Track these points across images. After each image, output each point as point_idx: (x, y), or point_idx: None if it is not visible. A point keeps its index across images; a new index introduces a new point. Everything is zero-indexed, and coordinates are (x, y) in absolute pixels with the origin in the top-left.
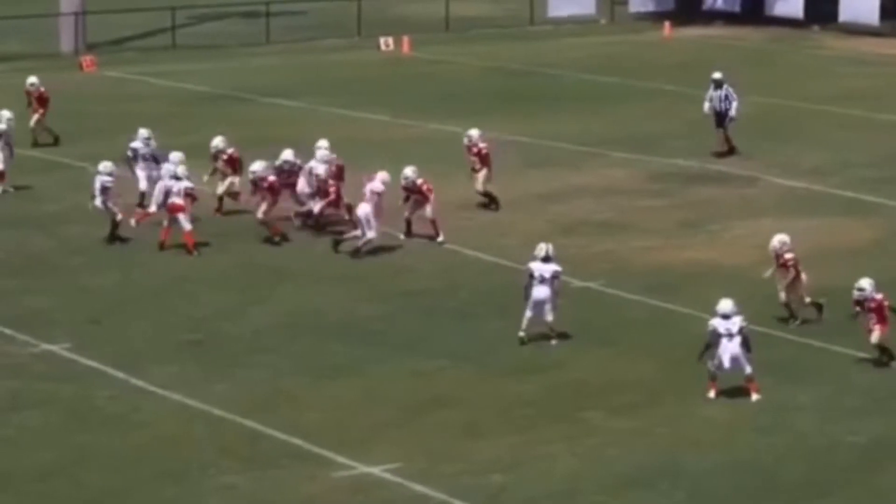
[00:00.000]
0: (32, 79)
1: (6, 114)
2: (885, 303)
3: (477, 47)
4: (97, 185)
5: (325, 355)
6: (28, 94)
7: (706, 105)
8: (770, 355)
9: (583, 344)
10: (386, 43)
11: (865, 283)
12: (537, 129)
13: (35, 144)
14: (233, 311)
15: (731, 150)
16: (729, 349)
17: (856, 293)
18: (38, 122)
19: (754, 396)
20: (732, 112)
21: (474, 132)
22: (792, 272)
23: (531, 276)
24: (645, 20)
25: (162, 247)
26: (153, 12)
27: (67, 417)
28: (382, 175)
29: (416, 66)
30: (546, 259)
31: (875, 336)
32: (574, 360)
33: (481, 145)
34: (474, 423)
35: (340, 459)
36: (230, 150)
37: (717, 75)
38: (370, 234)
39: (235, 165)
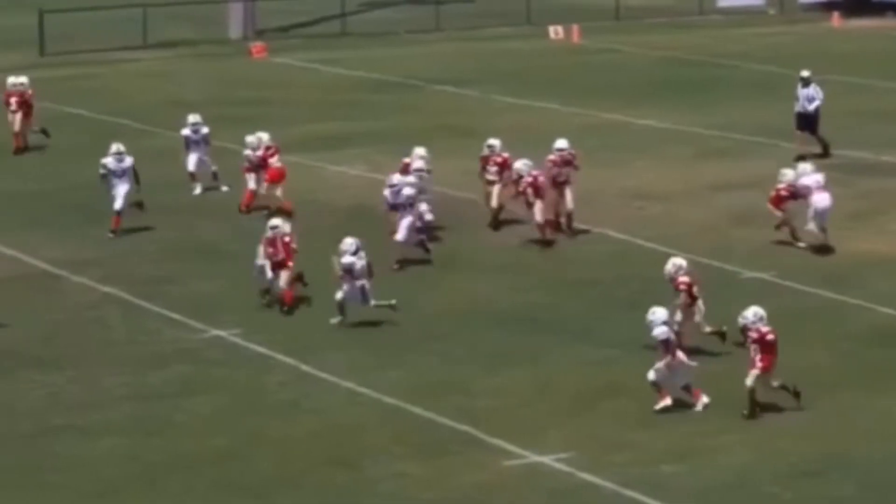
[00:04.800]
0: (21, 79)
1: (194, 118)
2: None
3: (646, 36)
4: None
5: (495, 343)
6: (10, 95)
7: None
8: None
9: None
10: (555, 31)
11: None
12: (708, 119)
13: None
14: (403, 298)
15: (825, 150)
16: None
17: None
18: (25, 125)
19: None
20: (811, 108)
21: (496, 141)
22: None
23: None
24: (814, 11)
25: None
26: None
27: (239, 403)
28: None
29: (586, 54)
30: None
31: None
32: (745, 351)
33: (504, 155)
34: (646, 412)
35: (511, 448)
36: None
37: (804, 73)
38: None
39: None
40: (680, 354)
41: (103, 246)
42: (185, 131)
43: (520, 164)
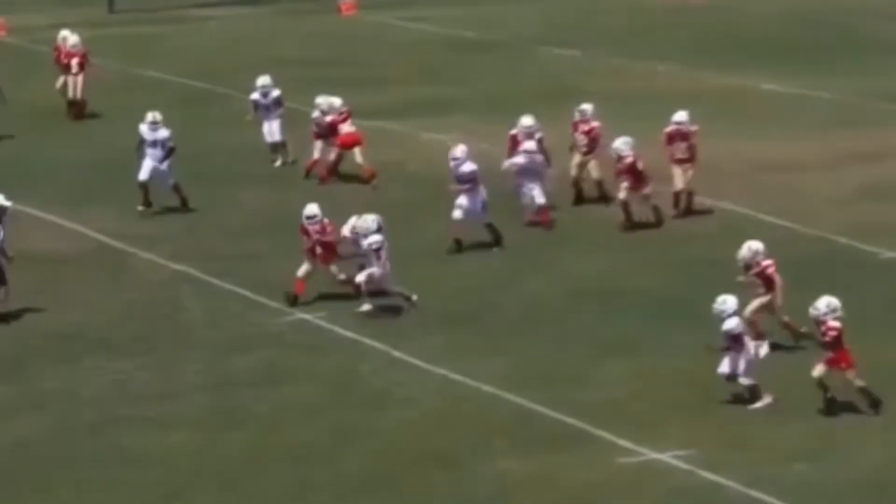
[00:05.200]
0: (76, 37)
1: (263, 80)
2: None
3: None
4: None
5: (608, 328)
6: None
7: None
8: None
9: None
10: None
11: None
12: (841, 83)
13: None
14: (507, 278)
15: None
16: None
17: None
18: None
19: None
20: None
21: (588, 106)
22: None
23: None
24: None
25: None
26: None
27: (325, 393)
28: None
29: (705, 12)
30: None
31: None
32: (890, 339)
33: (594, 124)
34: (776, 406)
35: (625, 444)
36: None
37: None
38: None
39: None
40: (750, 344)
41: (175, 219)
42: (254, 95)
43: (620, 143)
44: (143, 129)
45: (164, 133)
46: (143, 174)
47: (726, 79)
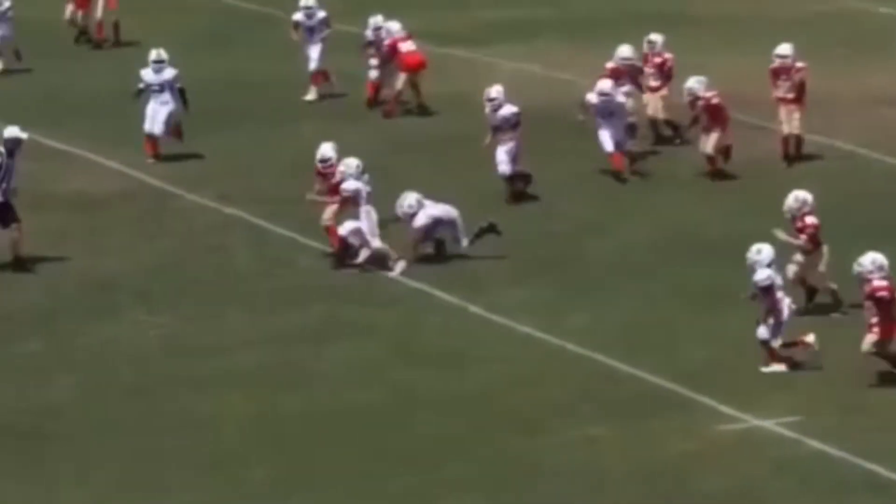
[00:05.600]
0: None
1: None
2: None
3: None
4: None
5: (706, 280)
6: None
7: None
8: None
9: None
10: None
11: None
12: None
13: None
14: (596, 224)
15: None
16: None
17: None
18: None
19: None
20: None
21: (658, 37)
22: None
23: None
24: None
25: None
26: None
27: (391, 350)
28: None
29: None
30: None
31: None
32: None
33: (666, 56)
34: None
35: (725, 409)
36: (709, 95)
37: None
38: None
39: (719, 116)
40: (784, 301)
41: (226, 158)
42: (297, 16)
43: (693, 82)
44: (146, 71)
45: (170, 73)
46: (151, 125)
47: (839, 1)
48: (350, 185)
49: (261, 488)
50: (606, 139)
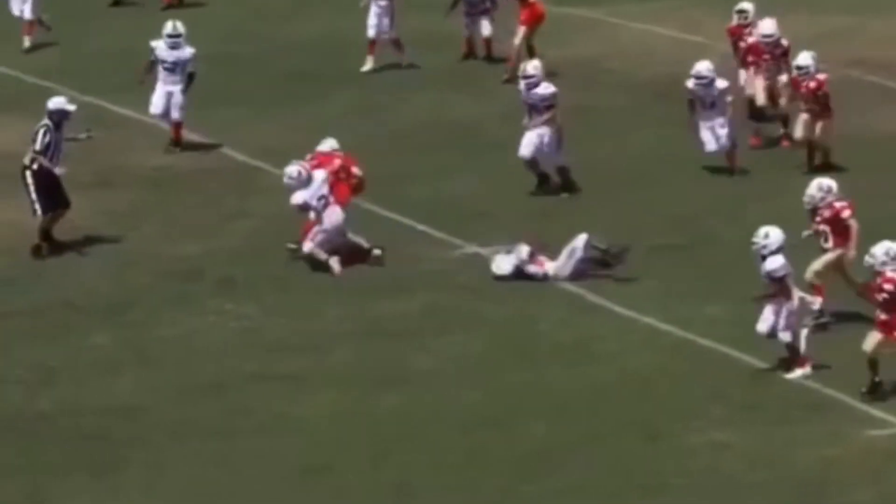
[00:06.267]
0: None
1: None
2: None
3: None
4: None
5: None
6: None
7: None
8: None
9: None
10: None
11: None
12: None
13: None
14: (727, 206)
15: None
16: None
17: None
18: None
19: None
20: None
21: (749, 5)
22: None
23: None
24: None
25: None
26: None
27: (502, 345)
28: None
29: None
30: None
31: None
32: None
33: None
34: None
35: (878, 413)
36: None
37: None
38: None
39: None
40: (800, 296)
41: (318, 129)
42: None
43: (806, 58)
44: (159, 46)
45: (187, 52)
46: (157, 107)
47: None
48: (297, 197)
49: (355, 496)
50: (709, 139)
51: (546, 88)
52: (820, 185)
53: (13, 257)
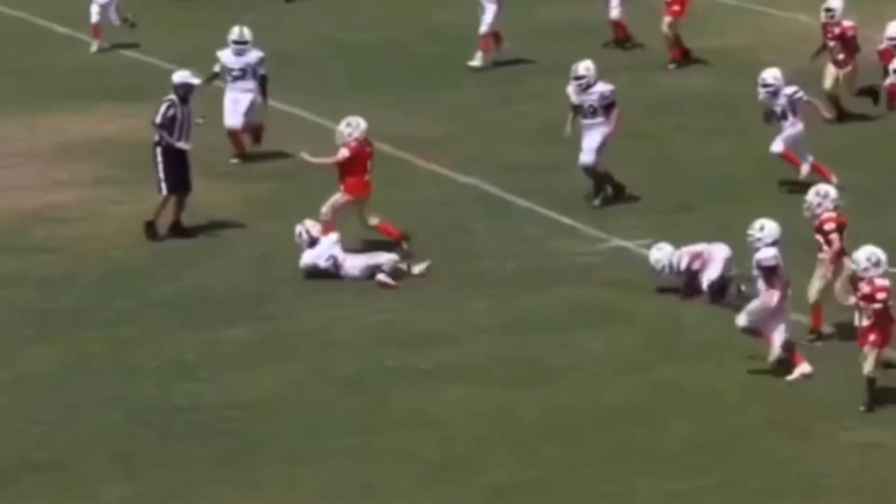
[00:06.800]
0: None
1: None
2: None
3: None
4: None
5: None
6: None
7: None
8: None
9: None
10: None
11: None
12: None
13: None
14: (879, 197)
15: None
16: None
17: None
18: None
19: None
20: None
21: (836, 3)
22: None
23: None
24: None
25: None
26: None
27: (650, 343)
28: None
29: None
30: None
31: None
32: None
33: (846, 24)
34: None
35: None
36: (847, 24)
37: None
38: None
39: (850, 47)
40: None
41: (462, 119)
42: None
43: (836, 1)
44: (226, 54)
45: (254, 56)
46: (232, 119)
47: None
48: (304, 259)
49: (495, 495)
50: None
51: (605, 86)
52: (817, 191)
53: (151, 247)
